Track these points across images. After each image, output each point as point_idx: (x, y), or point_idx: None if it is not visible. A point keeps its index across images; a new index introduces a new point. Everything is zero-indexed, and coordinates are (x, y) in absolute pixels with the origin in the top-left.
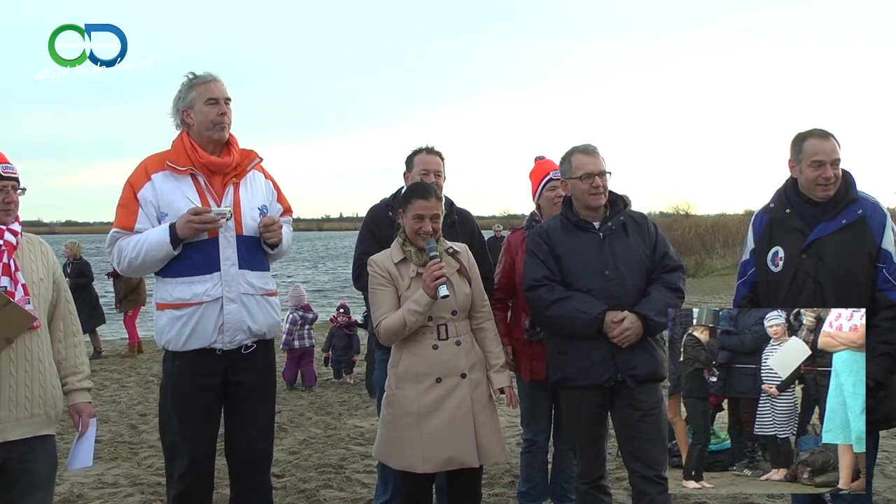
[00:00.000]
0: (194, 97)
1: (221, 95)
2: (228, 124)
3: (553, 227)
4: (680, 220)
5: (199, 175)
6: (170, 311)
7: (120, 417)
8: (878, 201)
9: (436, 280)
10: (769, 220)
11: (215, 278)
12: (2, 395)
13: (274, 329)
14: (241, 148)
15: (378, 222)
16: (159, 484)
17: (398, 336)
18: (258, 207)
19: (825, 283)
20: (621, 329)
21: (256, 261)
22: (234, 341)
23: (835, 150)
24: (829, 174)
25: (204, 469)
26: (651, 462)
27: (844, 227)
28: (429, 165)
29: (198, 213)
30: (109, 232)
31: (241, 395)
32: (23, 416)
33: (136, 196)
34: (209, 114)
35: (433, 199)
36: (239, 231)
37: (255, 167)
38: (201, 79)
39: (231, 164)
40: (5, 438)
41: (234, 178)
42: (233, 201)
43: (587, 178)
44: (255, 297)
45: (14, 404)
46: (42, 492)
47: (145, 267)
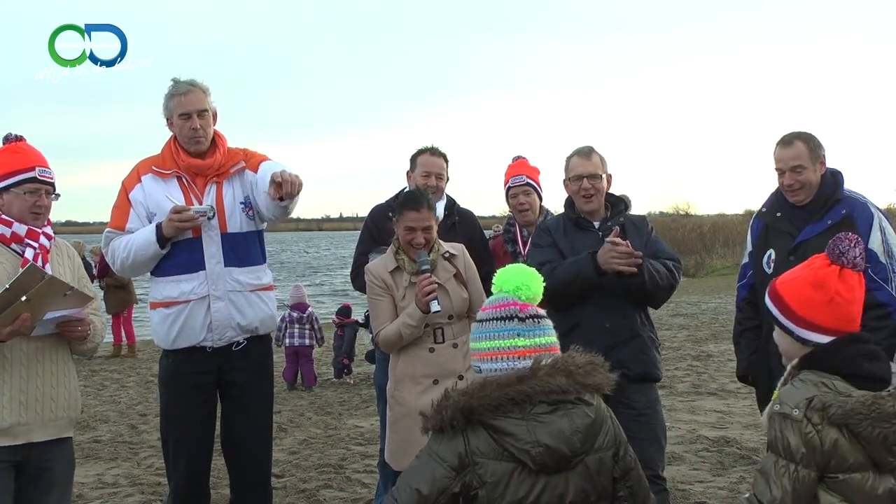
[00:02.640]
0: (172, 108)
1: (193, 109)
2: (204, 135)
3: (554, 224)
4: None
5: (184, 176)
6: (161, 310)
7: (120, 417)
8: (867, 201)
9: (427, 296)
10: (763, 223)
11: (201, 277)
12: (29, 397)
13: (267, 324)
14: (230, 148)
15: (378, 223)
16: (159, 484)
17: (396, 346)
18: (241, 202)
19: None
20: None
21: (245, 257)
22: (224, 338)
23: (794, 156)
24: (789, 181)
25: (201, 467)
26: (646, 461)
27: (830, 228)
28: (430, 168)
29: (178, 211)
30: (104, 232)
31: (236, 394)
32: (48, 418)
33: (128, 197)
34: (182, 128)
35: (424, 210)
36: (223, 229)
37: (239, 170)
38: (177, 90)
39: (213, 166)
40: (30, 440)
41: (215, 178)
42: (215, 200)
43: (576, 180)
44: (243, 293)
45: (41, 406)
46: (60, 492)
47: (137, 266)
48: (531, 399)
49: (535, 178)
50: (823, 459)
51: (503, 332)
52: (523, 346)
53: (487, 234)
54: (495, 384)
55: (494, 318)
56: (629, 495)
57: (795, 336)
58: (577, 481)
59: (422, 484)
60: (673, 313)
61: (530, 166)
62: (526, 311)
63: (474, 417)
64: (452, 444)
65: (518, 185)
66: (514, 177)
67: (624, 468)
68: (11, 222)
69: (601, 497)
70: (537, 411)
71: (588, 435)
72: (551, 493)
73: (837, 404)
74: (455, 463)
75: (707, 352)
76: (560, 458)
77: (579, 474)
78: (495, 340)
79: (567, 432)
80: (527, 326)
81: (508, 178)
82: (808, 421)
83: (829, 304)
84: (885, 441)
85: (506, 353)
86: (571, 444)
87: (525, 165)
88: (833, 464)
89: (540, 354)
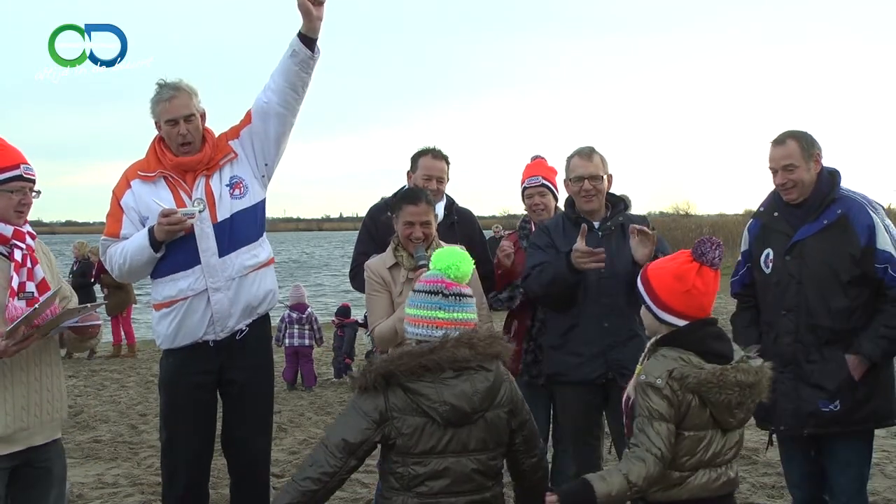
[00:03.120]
0: (158, 113)
1: (179, 115)
2: (192, 140)
3: (554, 224)
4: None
5: (170, 174)
6: (162, 310)
7: (120, 417)
8: (865, 201)
9: None
10: (761, 223)
11: (197, 272)
12: (30, 401)
13: (269, 299)
14: (219, 136)
15: (377, 223)
16: (159, 484)
17: (391, 342)
18: (226, 185)
19: (807, 283)
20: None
21: (239, 238)
22: (227, 328)
23: (786, 155)
24: (781, 180)
25: (201, 468)
26: None
27: (826, 228)
28: (431, 171)
29: (166, 214)
30: (100, 240)
31: (236, 393)
32: (45, 420)
33: (119, 204)
34: (170, 134)
35: (423, 204)
36: (214, 220)
37: (229, 161)
38: (162, 95)
39: (203, 160)
40: (32, 443)
41: (205, 171)
42: (204, 193)
43: (577, 181)
44: (241, 277)
45: (39, 409)
46: (58, 490)
47: (134, 271)
48: (440, 366)
49: (552, 179)
50: (679, 418)
51: (428, 304)
52: (442, 319)
53: (487, 234)
54: (411, 354)
55: (424, 290)
56: (523, 442)
57: (655, 315)
58: (478, 433)
59: (348, 433)
60: None
61: (547, 167)
62: (450, 290)
63: (393, 380)
64: (375, 402)
65: (534, 185)
66: (530, 177)
67: (520, 422)
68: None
69: (499, 445)
70: (445, 376)
71: (486, 396)
72: (457, 443)
73: (693, 375)
74: (376, 417)
75: None
76: (462, 414)
77: (480, 427)
78: (421, 310)
79: (469, 393)
80: (449, 302)
81: (525, 178)
82: (670, 388)
83: (686, 294)
84: (728, 405)
85: (427, 322)
86: (472, 403)
87: (542, 166)
88: (686, 422)
89: (449, 329)
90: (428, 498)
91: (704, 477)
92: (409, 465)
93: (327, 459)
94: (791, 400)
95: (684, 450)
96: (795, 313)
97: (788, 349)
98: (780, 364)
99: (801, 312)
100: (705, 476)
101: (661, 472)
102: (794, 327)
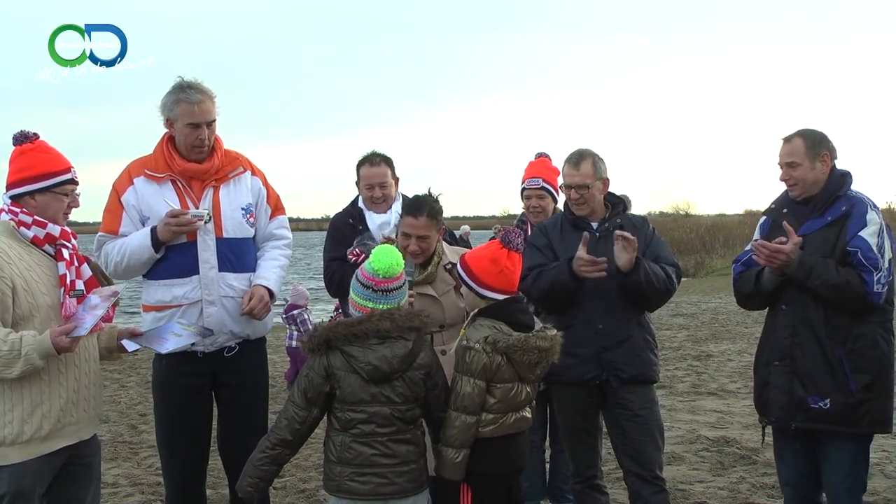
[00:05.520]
0: (178, 114)
1: (204, 120)
2: (209, 146)
3: (552, 224)
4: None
5: (179, 179)
6: (153, 313)
7: (120, 417)
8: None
9: None
10: (772, 219)
11: (194, 281)
12: (80, 396)
13: (260, 330)
14: (228, 150)
15: (341, 230)
16: (159, 484)
17: None
18: (242, 207)
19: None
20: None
21: (240, 263)
22: (216, 343)
23: (790, 152)
24: (784, 176)
25: (196, 470)
26: (644, 462)
27: (829, 224)
28: (371, 179)
29: (175, 215)
30: (96, 236)
31: (230, 396)
32: (92, 415)
33: (119, 200)
34: (188, 136)
35: (423, 218)
36: (219, 234)
37: (238, 175)
38: (188, 97)
39: (211, 170)
40: (80, 438)
41: (213, 182)
42: (212, 204)
43: (566, 189)
44: (235, 299)
45: (87, 404)
46: (97, 483)
47: (131, 270)
48: (367, 334)
49: (552, 181)
50: (491, 374)
51: (362, 294)
52: (371, 308)
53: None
54: (344, 324)
55: (361, 283)
56: (434, 398)
57: (477, 293)
58: (399, 389)
59: (307, 387)
60: (673, 313)
61: (550, 167)
62: (380, 286)
63: (332, 344)
64: (321, 361)
65: (533, 187)
66: (530, 178)
67: (433, 383)
68: (46, 223)
69: (416, 399)
70: (371, 342)
71: (404, 359)
72: (381, 396)
73: (503, 340)
74: (323, 373)
75: (707, 352)
76: (383, 373)
77: (400, 384)
78: (358, 297)
79: (388, 357)
80: (378, 296)
81: (525, 179)
82: (484, 351)
83: (499, 273)
84: (529, 364)
85: (360, 308)
86: (391, 365)
87: (544, 166)
88: (496, 377)
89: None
90: (359, 437)
91: (512, 418)
92: (345, 412)
93: (295, 412)
94: (784, 393)
95: (497, 397)
96: (793, 307)
97: (785, 342)
98: (777, 357)
99: (798, 306)
100: (512, 417)
101: (470, 424)
102: (791, 321)
